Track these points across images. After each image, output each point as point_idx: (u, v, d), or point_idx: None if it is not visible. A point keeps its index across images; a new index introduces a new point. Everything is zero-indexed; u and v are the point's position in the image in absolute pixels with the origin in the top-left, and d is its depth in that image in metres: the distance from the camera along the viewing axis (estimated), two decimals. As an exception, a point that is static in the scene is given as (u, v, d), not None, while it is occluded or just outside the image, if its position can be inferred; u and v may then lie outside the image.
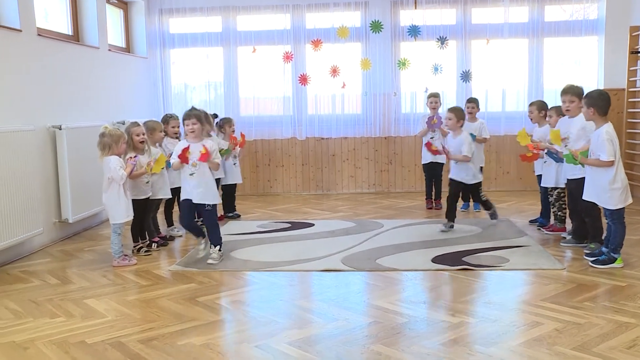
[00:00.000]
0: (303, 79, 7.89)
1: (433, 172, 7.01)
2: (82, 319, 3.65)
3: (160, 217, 5.80)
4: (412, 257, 4.90)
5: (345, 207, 7.28)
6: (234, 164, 6.64)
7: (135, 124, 5.15)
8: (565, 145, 4.84)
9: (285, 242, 5.50)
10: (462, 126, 5.81)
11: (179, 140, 5.73)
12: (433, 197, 7.09)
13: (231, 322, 3.65)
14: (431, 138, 6.82)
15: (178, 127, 5.82)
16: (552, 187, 5.51)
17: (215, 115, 6.75)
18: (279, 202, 7.75)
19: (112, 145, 4.72)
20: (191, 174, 4.74)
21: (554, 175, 5.41)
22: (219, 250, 4.87)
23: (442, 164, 6.93)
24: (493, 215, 6.04)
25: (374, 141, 8.21)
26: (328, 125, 8.19)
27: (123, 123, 6.35)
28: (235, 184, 6.77)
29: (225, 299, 4.07)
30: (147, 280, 4.43)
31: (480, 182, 5.92)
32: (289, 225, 6.24)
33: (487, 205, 6.02)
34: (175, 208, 5.86)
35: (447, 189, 7.43)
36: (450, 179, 5.86)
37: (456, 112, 5.79)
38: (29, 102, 5.34)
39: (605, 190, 4.38)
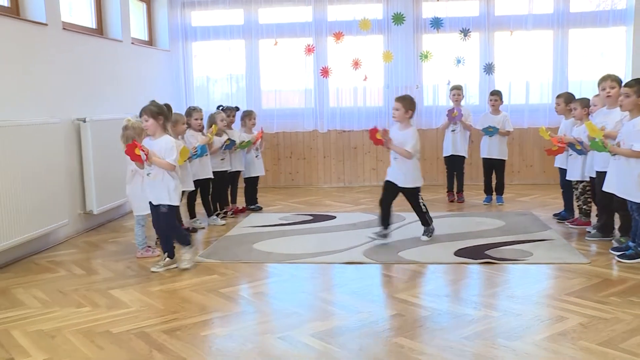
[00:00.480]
0: (325, 72, 7.88)
1: (455, 164, 6.97)
2: (107, 309, 3.70)
3: (183, 209, 5.82)
4: (434, 250, 4.88)
5: (367, 199, 7.26)
6: (257, 156, 6.68)
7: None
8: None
9: (307, 235, 5.51)
10: (411, 117, 5.00)
11: (202, 133, 5.79)
12: (455, 190, 7.04)
13: (254, 313, 3.66)
14: (452, 131, 6.79)
15: (201, 119, 5.84)
16: (577, 181, 5.44)
17: (237, 108, 6.79)
18: (300, 194, 7.76)
19: (135, 137, 4.75)
20: (148, 174, 4.42)
21: (579, 169, 5.33)
22: (190, 247, 4.56)
23: (464, 157, 6.90)
24: (427, 232, 5.17)
25: (395, 134, 8.16)
26: (350, 117, 8.17)
27: (146, 116, 6.39)
28: (258, 177, 6.80)
29: (248, 290, 4.10)
30: (170, 271, 4.46)
31: (419, 188, 5.11)
32: (311, 217, 6.25)
33: (424, 219, 5.15)
34: (198, 200, 5.92)
35: (468, 182, 7.47)
36: (386, 181, 5.12)
37: (404, 101, 4.95)
38: (54, 95, 5.41)
39: (634, 182, 4.28)
